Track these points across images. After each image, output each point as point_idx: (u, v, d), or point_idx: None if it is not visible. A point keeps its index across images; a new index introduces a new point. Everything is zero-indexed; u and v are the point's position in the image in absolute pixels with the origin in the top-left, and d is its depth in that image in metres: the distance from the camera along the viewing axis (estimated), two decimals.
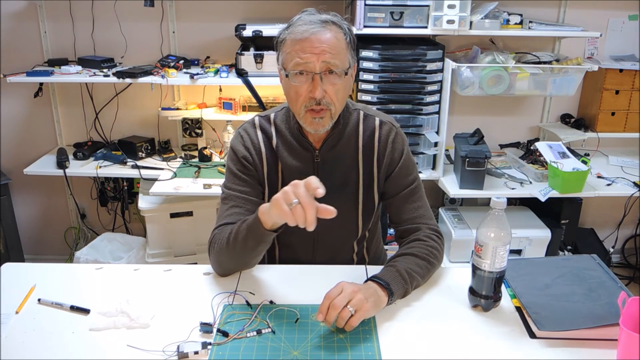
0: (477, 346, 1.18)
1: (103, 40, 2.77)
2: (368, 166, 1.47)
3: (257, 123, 1.50)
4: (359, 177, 1.47)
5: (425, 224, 1.46)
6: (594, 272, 1.40)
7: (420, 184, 1.50)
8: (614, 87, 2.73)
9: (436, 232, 1.45)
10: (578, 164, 2.46)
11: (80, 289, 1.37)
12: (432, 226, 1.46)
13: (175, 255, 2.71)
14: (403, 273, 1.30)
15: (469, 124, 2.80)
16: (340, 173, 1.46)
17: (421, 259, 1.36)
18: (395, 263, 1.33)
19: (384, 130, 1.46)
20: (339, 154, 1.45)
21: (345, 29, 1.35)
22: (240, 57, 2.52)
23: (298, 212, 1.10)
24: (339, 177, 1.46)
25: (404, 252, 1.38)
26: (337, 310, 1.15)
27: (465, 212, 2.73)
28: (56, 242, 3.17)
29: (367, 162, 1.47)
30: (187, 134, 2.85)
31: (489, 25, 2.47)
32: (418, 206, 1.48)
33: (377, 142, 1.46)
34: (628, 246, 3.19)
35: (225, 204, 1.44)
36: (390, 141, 1.46)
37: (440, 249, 1.43)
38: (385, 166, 1.47)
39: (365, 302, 1.18)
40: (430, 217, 1.48)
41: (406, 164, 1.48)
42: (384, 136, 1.46)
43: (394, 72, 2.47)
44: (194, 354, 1.14)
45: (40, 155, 2.85)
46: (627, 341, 1.07)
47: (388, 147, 1.46)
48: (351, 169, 1.46)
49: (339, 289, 1.19)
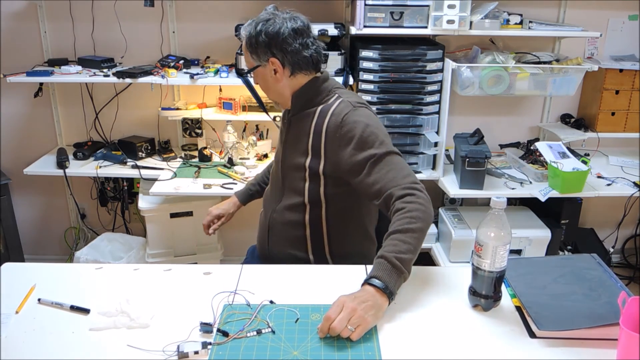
0: (477, 346, 1.18)
1: (103, 40, 2.77)
2: (317, 137, 1.57)
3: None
4: (309, 143, 1.58)
5: (395, 186, 1.41)
6: (594, 271, 1.40)
7: (387, 154, 1.47)
8: (614, 87, 2.73)
9: (409, 188, 1.40)
10: (578, 164, 2.46)
11: (80, 289, 1.38)
12: (404, 185, 1.41)
13: (175, 255, 2.71)
14: (395, 262, 1.28)
15: (469, 124, 2.80)
16: (298, 136, 1.62)
17: (404, 232, 1.33)
18: (384, 253, 1.31)
19: (339, 108, 1.56)
20: (300, 120, 1.62)
21: (249, 33, 1.57)
22: (240, 57, 2.51)
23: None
24: (294, 136, 1.63)
25: (389, 233, 1.35)
26: (337, 332, 1.17)
27: (465, 212, 2.73)
28: (56, 242, 3.17)
29: (317, 134, 1.57)
30: (187, 134, 2.85)
31: (489, 25, 2.47)
32: (384, 173, 1.45)
33: (328, 117, 1.55)
34: (628, 246, 3.19)
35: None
36: (341, 117, 1.52)
37: (421, 206, 1.37)
38: (332, 139, 1.53)
39: (365, 318, 1.19)
40: (402, 176, 1.43)
41: (360, 142, 1.48)
42: (337, 112, 1.55)
43: (394, 72, 2.47)
44: (194, 354, 1.14)
45: (40, 155, 2.85)
46: (627, 341, 1.07)
47: (337, 122, 1.53)
48: (304, 135, 1.60)
49: (338, 308, 1.19)
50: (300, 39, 1.55)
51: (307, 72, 1.59)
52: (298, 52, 1.55)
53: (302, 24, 1.56)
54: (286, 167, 1.65)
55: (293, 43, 1.54)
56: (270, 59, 1.55)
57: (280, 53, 1.54)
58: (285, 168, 1.65)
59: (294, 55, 1.55)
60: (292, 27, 1.54)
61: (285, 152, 1.66)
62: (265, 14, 1.58)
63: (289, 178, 1.64)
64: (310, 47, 1.57)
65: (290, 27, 1.54)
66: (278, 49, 1.54)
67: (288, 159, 1.64)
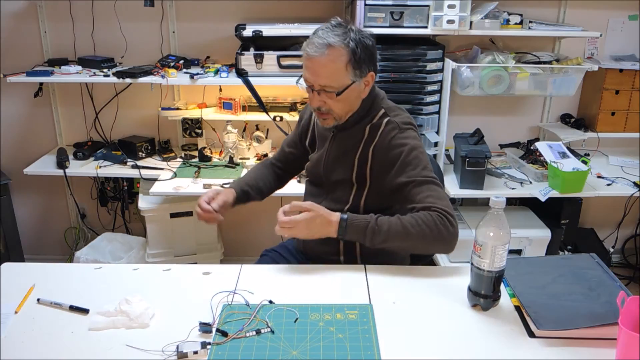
0: (476, 346, 1.18)
1: (103, 40, 2.77)
2: (364, 155, 1.58)
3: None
4: (355, 159, 1.60)
5: (432, 204, 1.43)
6: (593, 271, 1.40)
7: (430, 182, 1.49)
8: (614, 87, 2.73)
9: (440, 210, 1.42)
10: (578, 164, 2.46)
11: (80, 289, 1.38)
12: (439, 206, 1.43)
13: (175, 255, 2.71)
14: (371, 223, 1.43)
15: (469, 124, 2.80)
16: (345, 149, 1.62)
17: (402, 226, 1.41)
18: (376, 215, 1.46)
19: (387, 129, 1.56)
20: (348, 136, 1.61)
21: (351, 46, 1.46)
22: (240, 57, 2.52)
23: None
24: (343, 151, 1.62)
25: (398, 216, 1.45)
26: (280, 220, 1.43)
27: (465, 212, 2.73)
28: (56, 242, 3.17)
29: (364, 152, 1.58)
30: (187, 134, 2.85)
31: (489, 25, 2.47)
32: (428, 195, 1.46)
33: (377, 137, 1.56)
34: (628, 246, 3.19)
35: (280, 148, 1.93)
36: (389, 139, 1.54)
37: (434, 226, 1.40)
38: (379, 158, 1.55)
39: (302, 230, 1.43)
40: (441, 200, 1.45)
41: (408, 160, 1.50)
42: (385, 133, 1.56)
43: (394, 72, 2.47)
44: (193, 354, 1.14)
45: (40, 155, 2.85)
46: (626, 340, 1.07)
47: (385, 143, 1.55)
48: (352, 150, 1.60)
49: (300, 208, 1.44)
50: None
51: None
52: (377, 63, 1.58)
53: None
54: (330, 179, 1.65)
55: (375, 53, 1.56)
56: (369, 73, 1.53)
57: (374, 65, 1.54)
58: (328, 179, 1.65)
59: (377, 65, 1.57)
60: (372, 35, 1.52)
61: (328, 164, 1.65)
62: (342, 25, 1.49)
63: (331, 187, 1.65)
64: None
65: (371, 35, 1.52)
66: (374, 61, 1.54)
67: (332, 172, 1.64)
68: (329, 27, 1.49)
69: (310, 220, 1.43)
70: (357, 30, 1.49)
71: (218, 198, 1.64)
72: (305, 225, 1.43)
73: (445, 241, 1.42)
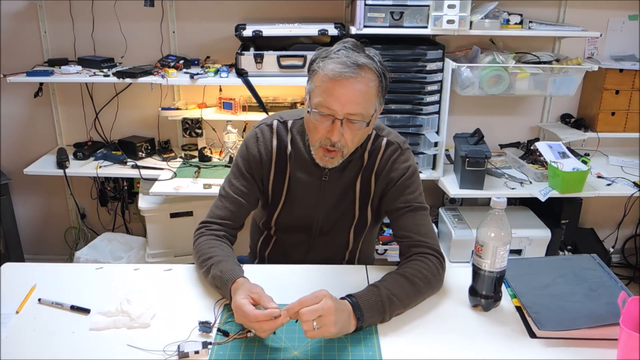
0: (477, 346, 1.18)
1: (103, 40, 2.77)
2: (366, 184, 1.48)
3: (275, 127, 1.49)
4: (356, 195, 1.49)
5: (425, 243, 1.39)
6: (594, 271, 1.40)
7: (425, 209, 1.45)
8: (614, 87, 2.73)
9: (436, 253, 1.38)
10: (578, 164, 2.46)
11: (81, 289, 1.38)
12: (434, 246, 1.40)
13: (176, 255, 2.71)
14: (384, 299, 1.23)
15: (469, 124, 2.80)
16: (341, 191, 1.49)
17: (411, 283, 1.29)
18: (380, 284, 1.27)
19: (389, 150, 1.47)
20: (345, 174, 1.48)
21: (380, 72, 1.30)
22: (240, 57, 2.52)
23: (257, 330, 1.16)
24: (339, 194, 1.49)
25: (398, 272, 1.33)
26: (303, 320, 1.11)
27: (465, 212, 2.73)
28: (56, 242, 3.17)
29: (365, 180, 1.48)
30: (187, 134, 2.85)
31: (489, 25, 2.47)
32: (420, 225, 1.42)
33: (378, 160, 1.46)
34: (628, 246, 3.19)
35: (221, 201, 1.49)
36: (392, 161, 1.46)
37: (437, 272, 1.35)
38: (383, 183, 1.47)
39: (331, 326, 1.12)
40: (433, 237, 1.42)
41: (408, 183, 1.45)
42: (387, 155, 1.46)
43: (394, 72, 2.47)
44: (195, 354, 1.14)
45: (40, 155, 2.85)
46: (627, 341, 1.07)
47: (388, 165, 1.46)
48: (351, 187, 1.49)
49: (316, 299, 1.12)
50: None
51: None
52: None
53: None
54: (327, 225, 1.52)
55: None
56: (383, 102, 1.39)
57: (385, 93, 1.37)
58: (325, 225, 1.52)
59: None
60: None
61: (327, 210, 1.50)
62: (360, 46, 1.32)
63: (325, 232, 1.54)
64: None
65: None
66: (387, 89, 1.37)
67: (330, 217, 1.51)
68: (349, 48, 1.29)
69: (336, 311, 1.15)
70: (375, 53, 1.32)
71: (257, 293, 1.21)
72: (333, 322, 1.13)
73: (441, 284, 1.39)
